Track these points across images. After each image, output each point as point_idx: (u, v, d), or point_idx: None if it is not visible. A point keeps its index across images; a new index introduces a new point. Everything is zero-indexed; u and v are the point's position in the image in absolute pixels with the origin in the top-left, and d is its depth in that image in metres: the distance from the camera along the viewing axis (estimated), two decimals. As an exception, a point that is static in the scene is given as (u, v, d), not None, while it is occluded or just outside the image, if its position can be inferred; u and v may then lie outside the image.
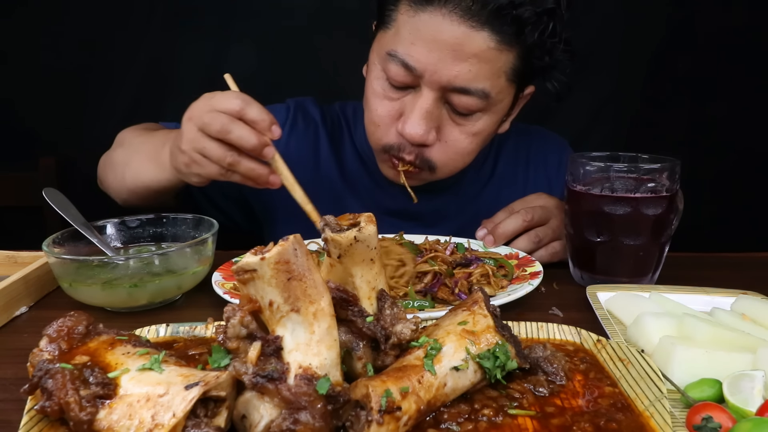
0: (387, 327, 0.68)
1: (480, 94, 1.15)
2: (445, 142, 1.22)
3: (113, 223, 1.15)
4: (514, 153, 1.54)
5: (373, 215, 0.72)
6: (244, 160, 1.05)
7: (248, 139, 1.03)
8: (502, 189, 1.51)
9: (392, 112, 1.22)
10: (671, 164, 1.05)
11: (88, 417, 0.58)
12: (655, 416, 0.64)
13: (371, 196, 1.47)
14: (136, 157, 1.29)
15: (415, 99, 1.18)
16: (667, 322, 0.82)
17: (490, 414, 0.66)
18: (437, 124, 1.20)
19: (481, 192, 1.51)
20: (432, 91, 1.16)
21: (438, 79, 1.14)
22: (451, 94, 1.16)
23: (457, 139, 1.22)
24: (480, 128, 1.22)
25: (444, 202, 1.47)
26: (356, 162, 1.50)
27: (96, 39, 2.11)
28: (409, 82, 1.17)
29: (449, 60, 1.12)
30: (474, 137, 1.23)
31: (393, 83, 1.20)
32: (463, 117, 1.20)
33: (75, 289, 0.97)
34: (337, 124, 1.54)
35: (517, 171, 1.53)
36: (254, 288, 0.61)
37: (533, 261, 1.12)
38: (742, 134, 2.20)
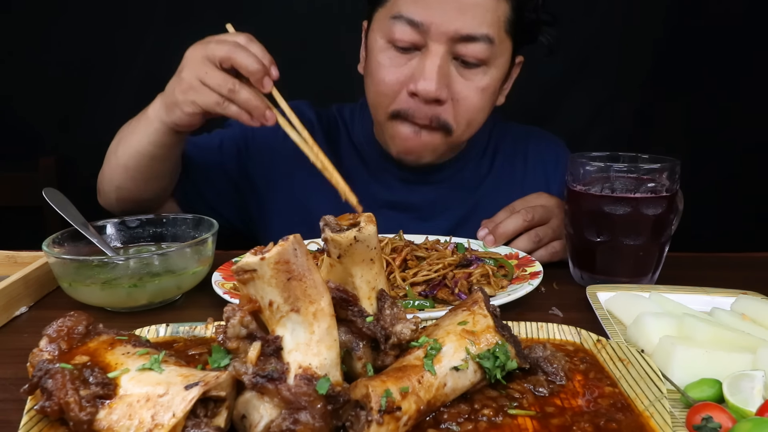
0: (387, 327, 0.68)
1: (485, 40, 1.21)
2: (456, 100, 1.25)
3: (113, 223, 1.15)
4: (512, 151, 1.56)
5: (372, 215, 0.72)
6: (243, 89, 1.06)
7: (252, 62, 1.05)
8: (500, 184, 1.52)
9: (401, 77, 1.24)
10: (671, 164, 1.05)
11: (88, 417, 0.58)
12: (655, 416, 0.64)
13: (368, 189, 1.47)
14: (126, 131, 1.29)
15: (423, 58, 1.21)
16: (667, 322, 0.82)
17: (490, 414, 0.66)
18: (448, 81, 1.23)
19: (480, 186, 1.52)
20: (440, 44, 1.20)
21: (445, 30, 1.18)
22: (458, 45, 1.20)
23: (467, 95, 1.25)
24: (487, 83, 1.26)
25: (441, 194, 1.48)
26: (354, 158, 1.51)
27: (96, 39, 2.11)
28: (416, 40, 1.21)
29: (453, 11, 1.18)
30: (483, 92, 1.27)
31: (400, 45, 1.23)
32: (471, 70, 1.24)
33: (75, 289, 0.97)
34: (334, 125, 1.56)
35: (515, 168, 1.55)
36: (254, 288, 0.61)
37: (533, 261, 1.12)
38: (742, 134, 2.20)
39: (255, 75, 1.06)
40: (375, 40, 1.28)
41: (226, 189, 1.49)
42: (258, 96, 1.07)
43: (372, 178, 1.49)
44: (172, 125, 1.16)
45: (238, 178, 1.50)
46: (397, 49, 1.24)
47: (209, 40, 1.10)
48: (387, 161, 1.48)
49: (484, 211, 1.42)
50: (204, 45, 1.09)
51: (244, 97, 1.06)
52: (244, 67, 1.05)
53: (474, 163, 1.52)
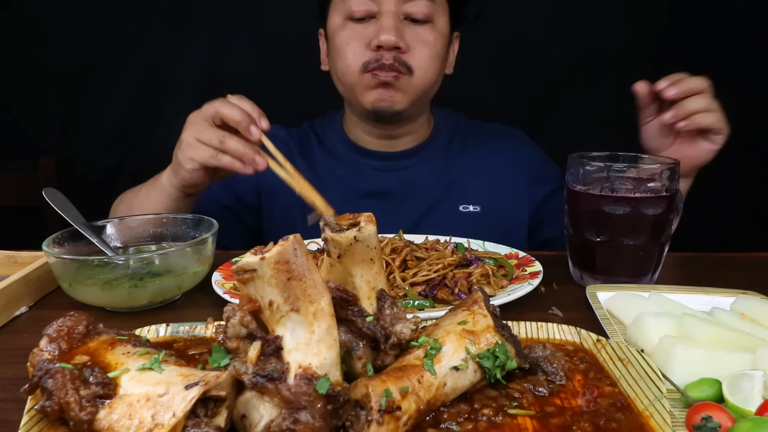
0: (387, 327, 0.68)
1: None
2: (414, 48, 1.43)
3: (113, 223, 1.15)
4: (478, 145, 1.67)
5: (372, 215, 0.72)
6: (232, 139, 1.15)
7: (236, 113, 1.14)
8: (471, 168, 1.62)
9: (362, 41, 1.42)
10: (671, 164, 1.05)
11: (88, 417, 0.58)
12: (654, 416, 0.64)
13: (345, 183, 1.58)
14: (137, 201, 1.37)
15: (379, 19, 1.41)
16: (667, 322, 0.82)
17: (490, 414, 0.66)
18: (403, 34, 1.41)
19: (450, 168, 1.61)
20: (391, 5, 1.40)
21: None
22: (406, 4, 1.41)
23: (422, 45, 1.44)
24: (435, 36, 1.45)
25: (413, 176, 1.58)
26: (326, 159, 1.62)
27: (96, 39, 2.11)
28: (370, 8, 1.41)
29: None
30: (434, 43, 1.45)
31: (358, 15, 1.42)
32: (420, 25, 1.44)
33: (75, 289, 0.97)
34: (305, 137, 1.68)
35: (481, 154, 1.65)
36: (254, 288, 0.61)
37: (533, 261, 1.12)
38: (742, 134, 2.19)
39: (241, 124, 1.14)
40: (334, 22, 1.46)
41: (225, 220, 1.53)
42: (246, 144, 1.15)
43: (348, 173, 1.60)
44: (180, 187, 1.26)
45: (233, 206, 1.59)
46: (355, 21, 1.42)
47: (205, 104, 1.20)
48: (360, 155, 1.60)
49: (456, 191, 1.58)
50: (199, 109, 1.20)
51: (232, 146, 1.15)
52: (230, 118, 1.15)
53: (443, 148, 1.63)
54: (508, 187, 1.60)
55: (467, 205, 1.59)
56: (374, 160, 1.59)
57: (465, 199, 1.59)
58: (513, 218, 1.60)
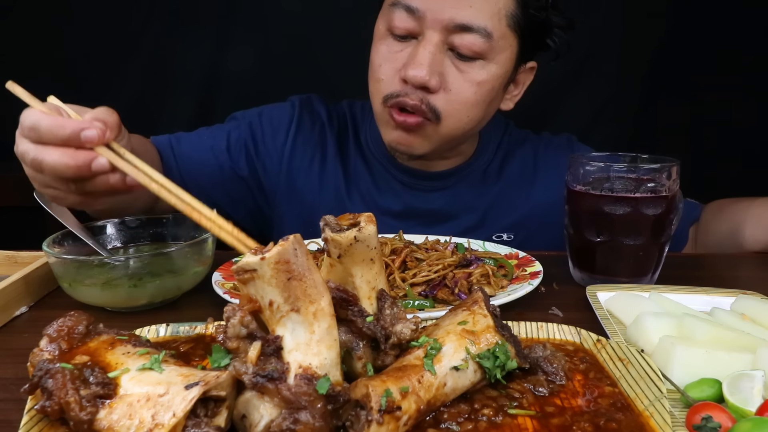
0: (387, 327, 0.68)
1: (482, 32, 1.18)
2: (449, 90, 1.22)
3: (113, 223, 1.14)
4: (521, 162, 1.52)
5: (372, 215, 0.72)
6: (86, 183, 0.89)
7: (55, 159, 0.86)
8: (509, 193, 1.48)
9: (396, 63, 1.23)
10: (671, 164, 1.05)
11: (88, 417, 0.58)
12: (654, 416, 0.64)
13: (372, 196, 1.46)
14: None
15: (418, 44, 1.20)
16: (667, 322, 0.82)
17: (490, 414, 0.66)
18: (440, 70, 1.20)
19: (488, 191, 1.47)
20: (435, 32, 1.18)
21: (440, 17, 1.17)
22: (453, 35, 1.18)
23: (460, 87, 1.22)
24: (484, 77, 1.22)
25: (445, 199, 1.45)
26: (360, 162, 1.49)
27: (96, 39, 2.11)
28: (412, 28, 1.20)
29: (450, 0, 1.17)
30: (478, 87, 1.23)
31: (397, 33, 1.22)
32: (467, 62, 1.21)
33: (75, 289, 0.97)
34: (343, 124, 1.53)
35: (524, 176, 1.50)
36: (254, 288, 0.61)
37: (533, 261, 1.12)
38: (743, 134, 2.20)
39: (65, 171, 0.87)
40: (378, 28, 1.29)
41: (236, 190, 1.48)
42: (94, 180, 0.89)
43: (373, 184, 1.46)
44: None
45: (249, 178, 1.49)
46: (394, 37, 1.24)
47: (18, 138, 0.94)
48: (392, 166, 1.45)
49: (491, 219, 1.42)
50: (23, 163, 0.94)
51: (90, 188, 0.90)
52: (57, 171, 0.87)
53: (482, 170, 1.48)
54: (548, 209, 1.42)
55: (501, 234, 1.45)
56: (406, 176, 1.44)
57: (499, 228, 1.44)
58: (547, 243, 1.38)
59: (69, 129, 0.85)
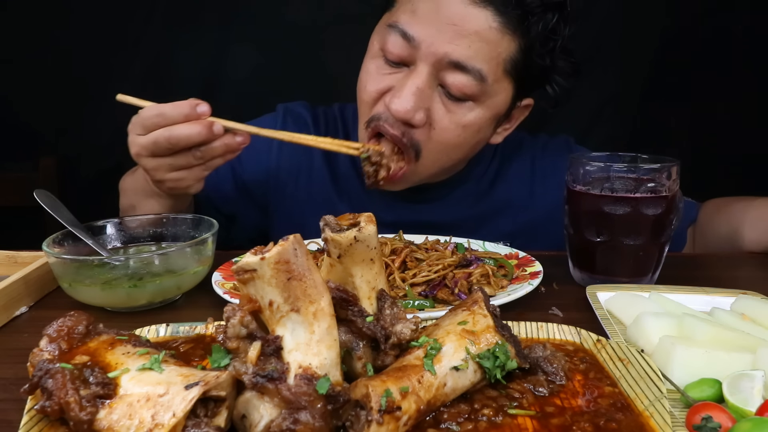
0: (387, 327, 0.68)
1: (476, 75, 1.13)
2: (432, 128, 1.17)
3: (113, 223, 1.14)
4: (517, 168, 1.47)
5: (372, 215, 0.72)
6: (207, 147, 1.05)
7: (192, 134, 1.03)
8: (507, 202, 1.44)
9: (382, 87, 1.18)
10: (671, 164, 1.05)
11: (88, 417, 0.58)
12: (654, 416, 0.64)
13: (362, 203, 1.42)
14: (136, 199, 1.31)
15: (408, 75, 1.15)
16: (667, 322, 0.82)
17: (490, 414, 0.66)
18: (427, 105, 1.15)
19: (482, 200, 1.44)
20: (427, 65, 1.13)
21: (435, 51, 1.11)
22: (446, 72, 1.13)
23: (446, 127, 1.17)
24: (471, 120, 1.17)
25: (437, 211, 1.41)
26: (349, 166, 1.45)
27: (96, 39, 2.11)
28: (406, 56, 1.15)
29: (449, 33, 1.10)
30: (463, 129, 1.18)
31: (389, 57, 1.17)
32: (456, 103, 1.16)
33: (75, 289, 0.97)
34: (332, 127, 1.50)
35: (521, 184, 1.46)
36: (254, 288, 0.61)
37: (533, 261, 1.12)
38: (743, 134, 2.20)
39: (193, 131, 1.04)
40: (372, 43, 1.24)
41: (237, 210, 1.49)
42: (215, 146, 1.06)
43: (364, 195, 1.41)
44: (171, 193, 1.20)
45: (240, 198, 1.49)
46: (386, 60, 1.19)
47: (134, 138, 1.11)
48: None
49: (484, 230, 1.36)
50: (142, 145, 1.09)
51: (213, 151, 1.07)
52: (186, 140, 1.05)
53: (477, 179, 1.44)
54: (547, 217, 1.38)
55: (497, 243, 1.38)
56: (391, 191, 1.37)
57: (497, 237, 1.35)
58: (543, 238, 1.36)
59: (187, 106, 1.04)
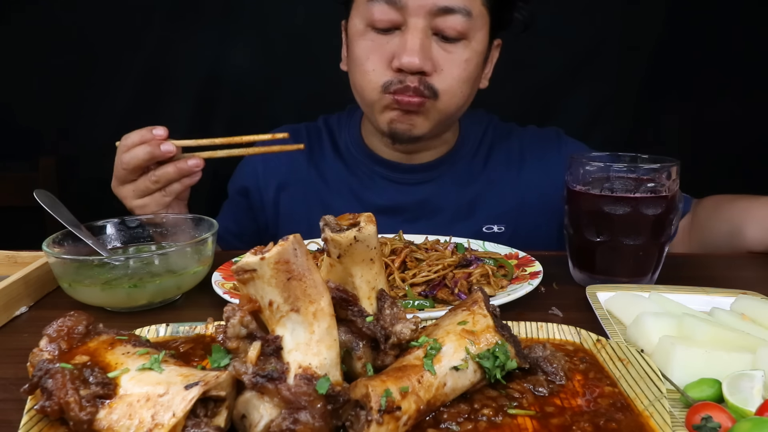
0: (387, 327, 0.68)
1: (463, 12, 1.24)
2: (441, 69, 1.28)
3: (113, 223, 1.14)
4: (508, 150, 1.55)
5: (372, 215, 0.72)
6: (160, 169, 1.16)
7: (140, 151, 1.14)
8: (494, 183, 1.51)
9: (385, 55, 1.28)
10: (671, 164, 1.05)
11: (88, 417, 0.58)
12: (654, 416, 0.64)
13: (355, 194, 1.49)
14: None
15: (404, 34, 1.25)
16: (667, 322, 0.82)
17: (490, 414, 0.66)
18: (430, 54, 1.26)
19: (472, 184, 1.50)
20: (419, 18, 1.23)
21: (423, 3, 1.22)
22: (437, 18, 1.24)
23: (451, 66, 1.29)
24: (468, 56, 1.30)
25: (432, 192, 1.48)
26: (338, 164, 1.52)
27: (96, 39, 2.11)
28: (395, 19, 1.25)
29: None
30: (466, 64, 1.30)
31: (380, 26, 1.26)
32: (452, 44, 1.28)
33: (75, 289, 0.97)
34: (315, 136, 1.57)
35: (510, 168, 1.53)
36: (254, 288, 0.61)
37: (533, 261, 1.12)
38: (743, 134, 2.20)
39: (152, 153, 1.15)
40: (354, 26, 1.31)
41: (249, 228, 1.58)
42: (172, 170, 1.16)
43: (359, 183, 1.49)
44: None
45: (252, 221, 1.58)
46: (377, 31, 1.27)
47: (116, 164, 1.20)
48: (375, 163, 1.48)
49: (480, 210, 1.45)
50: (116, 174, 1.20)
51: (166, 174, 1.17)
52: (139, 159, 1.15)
53: (466, 160, 1.51)
54: (538, 200, 1.47)
55: (491, 226, 1.48)
56: (390, 171, 1.47)
57: (489, 219, 1.47)
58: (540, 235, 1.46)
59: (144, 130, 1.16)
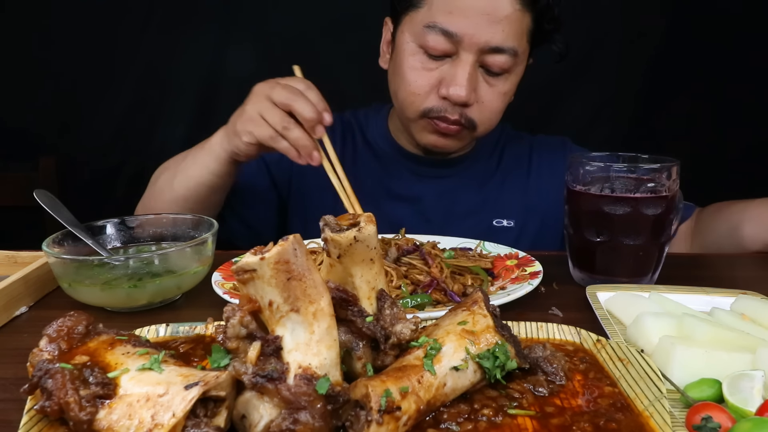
0: (387, 327, 0.68)
1: (511, 53, 1.32)
2: (481, 102, 1.37)
3: (113, 223, 1.14)
4: (518, 158, 1.63)
5: (372, 215, 0.72)
6: (296, 129, 1.17)
7: (308, 111, 1.15)
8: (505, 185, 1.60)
9: (432, 80, 1.35)
10: (671, 164, 1.05)
11: (87, 417, 0.58)
12: (654, 416, 0.64)
13: (380, 183, 1.57)
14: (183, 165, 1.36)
15: (455, 65, 1.32)
16: (667, 322, 0.82)
17: (490, 414, 0.66)
18: (475, 86, 1.34)
19: (487, 183, 1.59)
20: (471, 54, 1.30)
21: (477, 42, 1.29)
22: (486, 55, 1.31)
23: (491, 99, 1.37)
24: (507, 88, 1.39)
25: (449, 185, 1.56)
26: (368, 154, 1.60)
27: (96, 39, 2.11)
28: (448, 50, 1.31)
29: (484, 24, 1.28)
30: (503, 96, 1.39)
31: (432, 53, 1.33)
32: (495, 77, 1.36)
33: (75, 289, 0.97)
34: (348, 128, 1.64)
35: (520, 174, 1.62)
36: (254, 288, 0.61)
37: (533, 261, 1.12)
38: (742, 134, 2.20)
39: (309, 122, 1.17)
40: (405, 42, 1.37)
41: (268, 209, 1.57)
42: (308, 137, 1.18)
43: (385, 173, 1.58)
44: (232, 153, 1.26)
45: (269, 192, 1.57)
46: (428, 54, 1.33)
47: (275, 82, 1.21)
48: (400, 156, 1.58)
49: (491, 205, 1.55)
50: (269, 85, 1.20)
51: (295, 135, 1.17)
52: (300, 113, 1.16)
53: (483, 160, 1.61)
54: (545, 202, 1.56)
55: (501, 220, 1.56)
56: (413, 164, 1.56)
57: (499, 214, 1.56)
58: (547, 233, 1.55)
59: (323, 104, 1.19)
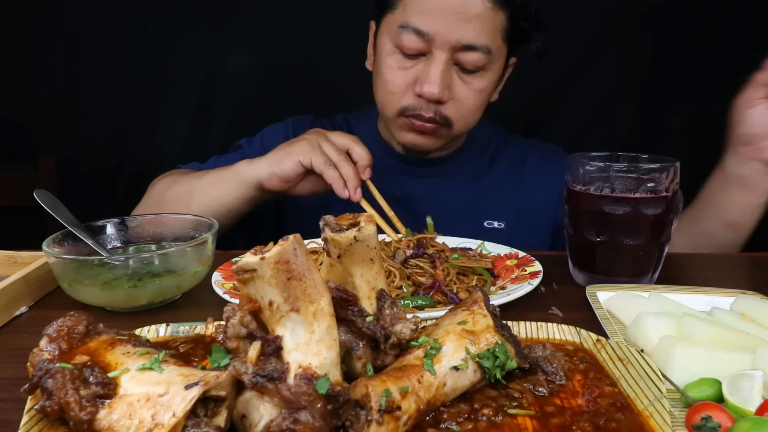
0: (387, 327, 0.68)
1: (484, 50, 1.33)
2: (456, 100, 1.38)
3: (113, 223, 1.14)
4: (510, 160, 1.64)
5: (372, 215, 0.72)
6: (349, 165, 1.27)
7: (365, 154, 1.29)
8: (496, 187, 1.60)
9: (407, 79, 1.37)
10: (671, 164, 1.05)
11: (88, 417, 0.58)
12: (654, 416, 0.64)
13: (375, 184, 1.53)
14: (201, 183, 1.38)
15: (428, 63, 1.34)
16: (667, 322, 0.82)
17: (490, 414, 0.66)
18: (449, 83, 1.35)
19: (477, 183, 1.60)
20: (444, 52, 1.32)
21: (448, 40, 1.30)
22: (459, 53, 1.33)
23: (466, 96, 1.38)
24: (483, 85, 1.39)
25: (440, 185, 1.57)
26: None
27: (96, 39, 2.11)
28: (422, 48, 1.33)
29: (456, 22, 1.30)
30: (479, 94, 1.40)
31: (407, 52, 1.35)
32: (470, 75, 1.37)
33: (75, 289, 0.97)
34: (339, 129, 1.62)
35: (512, 177, 1.62)
36: (254, 288, 0.61)
37: (533, 261, 1.12)
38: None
39: (362, 162, 1.28)
40: (384, 43, 1.39)
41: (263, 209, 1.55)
42: (357, 175, 1.27)
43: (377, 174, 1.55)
44: (270, 176, 1.30)
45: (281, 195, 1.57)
46: (403, 54, 1.36)
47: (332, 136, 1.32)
48: (389, 156, 1.58)
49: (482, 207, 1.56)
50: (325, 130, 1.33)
51: (347, 169, 1.26)
52: (358, 153, 1.29)
53: (474, 160, 1.61)
54: (535, 206, 1.58)
55: (492, 221, 1.58)
56: (403, 164, 1.57)
57: (490, 215, 1.57)
58: (537, 237, 1.57)
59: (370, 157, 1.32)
